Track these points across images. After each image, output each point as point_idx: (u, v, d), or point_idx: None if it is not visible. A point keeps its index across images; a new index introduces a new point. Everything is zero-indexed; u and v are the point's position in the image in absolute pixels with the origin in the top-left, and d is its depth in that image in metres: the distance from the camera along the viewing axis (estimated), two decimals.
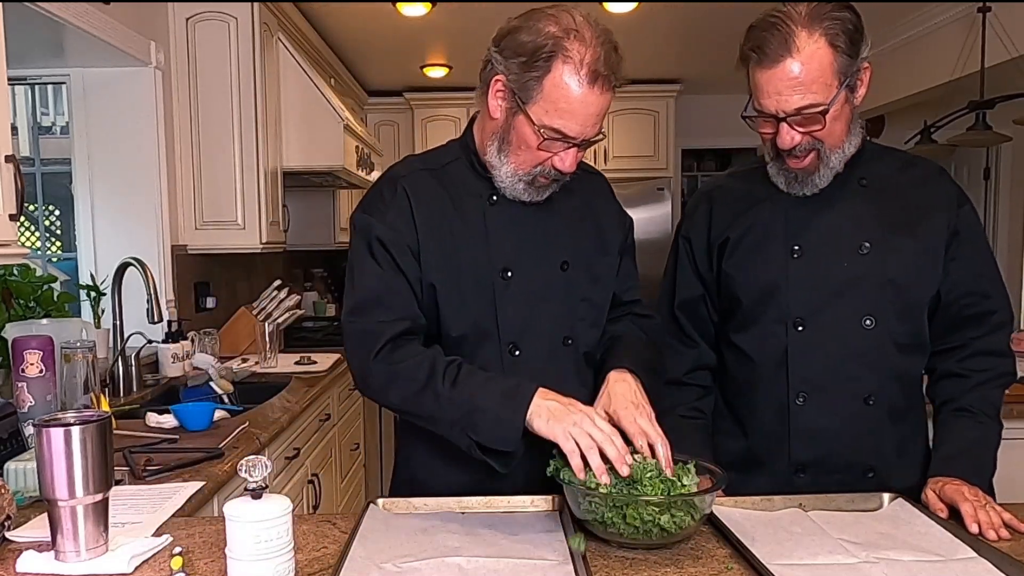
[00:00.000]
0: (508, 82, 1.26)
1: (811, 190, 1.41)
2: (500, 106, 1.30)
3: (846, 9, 1.31)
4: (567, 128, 1.25)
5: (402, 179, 1.37)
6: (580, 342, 1.41)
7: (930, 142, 4.36)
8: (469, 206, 1.37)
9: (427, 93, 5.58)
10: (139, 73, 2.92)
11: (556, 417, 1.18)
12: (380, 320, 1.31)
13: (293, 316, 3.64)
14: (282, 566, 1.03)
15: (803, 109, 1.30)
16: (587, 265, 1.41)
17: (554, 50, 1.22)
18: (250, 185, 3.19)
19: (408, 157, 1.47)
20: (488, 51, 1.30)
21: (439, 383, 1.24)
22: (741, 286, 1.48)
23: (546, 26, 1.23)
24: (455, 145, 1.44)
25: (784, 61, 1.28)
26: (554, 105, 1.24)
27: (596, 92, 1.23)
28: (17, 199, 1.67)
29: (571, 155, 1.29)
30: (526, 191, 1.34)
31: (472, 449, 1.24)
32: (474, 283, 1.35)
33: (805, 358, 1.43)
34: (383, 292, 1.32)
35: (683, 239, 1.58)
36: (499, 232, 1.36)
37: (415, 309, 1.34)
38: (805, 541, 1.18)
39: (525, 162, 1.31)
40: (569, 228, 1.41)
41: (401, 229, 1.33)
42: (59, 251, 4.44)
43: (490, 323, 1.35)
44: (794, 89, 1.29)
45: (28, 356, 1.82)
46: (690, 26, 4.32)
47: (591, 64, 1.21)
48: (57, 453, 1.09)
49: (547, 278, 1.38)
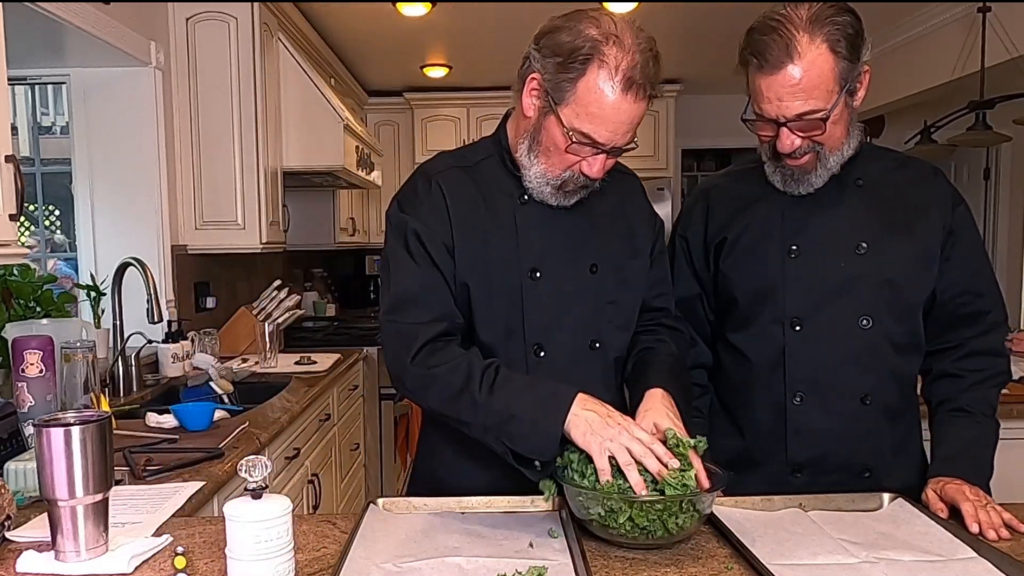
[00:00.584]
0: (543, 81, 1.25)
1: (806, 189, 1.41)
2: (534, 104, 1.29)
3: (847, 12, 1.30)
4: (596, 133, 1.24)
5: (437, 175, 1.36)
6: (608, 346, 1.40)
7: (930, 142, 4.36)
8: (500, 204, 1.36)
9: (427, 93, 5.58)
10: (139, 73, 2.92)
11: (594, 429, 1.17)
12: (417, 321, 1.30)
13: (293, 316, 3.64)
14: (282, 566, 1.03)
15: (804, 115, 1.30)
16: (616, 268, 1.40)
17: (591, 53, 1.20)
18: (250, 185, 3.19)
19: (441, 154, 1.45)
20: (528, 48, 1.29)
21: (476, 389, 1.23)
22: (738, 286, 1.48)
23: (586, 28, 1.22)
24: (487, 142, 1.43)
25: (785, 67, 1.27)
26: (585, 109, 1.22)
27: (629, 100, 1.22)
28: (17, 199, 1.67)
29: (599, 162, 1.27)
30: (553, 195, 1.33)
31: (507, 456, 1.23)
32: (503, 282, 1.34)
33: (802, 358, 1.43)
34: (420, 290, 1.32)
35: (680, 238, 1.59)
36: (529, 232, 1.35)
37: (452, 307, 1.33)
38: (805, 541, 1.18)
39: (554, 165, 1.30)
40: (600, 230, 1.40)
41: (436, 225, 1.33)
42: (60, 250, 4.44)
43: (516, 323, 1.35)
44: (795, 95, 1.28)
45: (28, 356, 1.82)
46: (690, 26, 4.32)
47: (627, 71, 1.20)
48: (57, 453, 1.09)
49: (575, 280, 1.37)
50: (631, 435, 1.17)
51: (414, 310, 1.31)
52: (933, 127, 4.37)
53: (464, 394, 1.24)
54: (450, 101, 5.56)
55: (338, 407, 3.29)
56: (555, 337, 1.36)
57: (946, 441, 1.41)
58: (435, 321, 1.30)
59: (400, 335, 1.30)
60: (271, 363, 3.15)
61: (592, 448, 1.16)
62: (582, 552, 1.10)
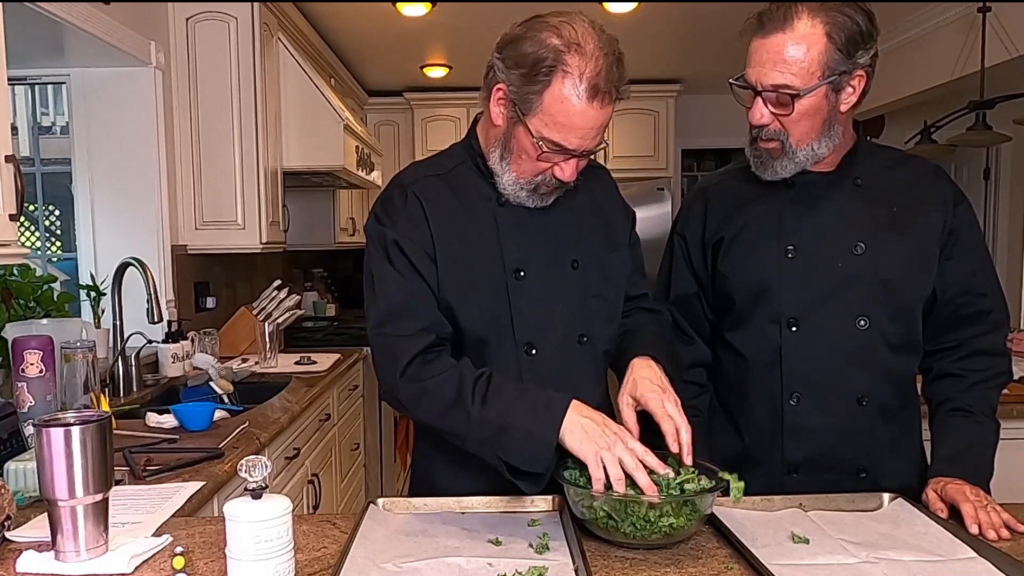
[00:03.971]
0: (509, 92, 1.26)
1: (772, 176, 1.41)
2: (502, 113, 1.30)
3: (861, 12, 1.30)
4: (566, 141, 1.25)
5: (412, 185, 1.37)
6: (596, 339, 1.40)
7: (930, 142, 4.36)
8: (479, 208, 1.36)
9: (427, 93, 5.58)
10: (139, 73, 2.92)
11: (589, 436, 1.17)
12: (405, 334, 1.30)
13: (293, 316, 3.64)
14: (282, 566, 1.03)
15: (778, 87, 1.30)
16: (598, 262, 1.41)
17: (554, 64, 1.21)
18: (250, 185, 3.19)
19: (413, 164, 1.46)
20: (491, 56, 1.30)
21: (468, 402, 1.23)
22: (735, 285, 1.48)
23: (548, 37, 1.22)
24: (459, 148, 1.43)
25: (776, 35, 1.29)
26: (553, 119, 1.23)
27: (596, 107, 1.22)
28: (17, 199, 1.67)
29: (571, 166, 1.29)
30: (529, 198, 1.34)
31: (501, 468, 1.23)
32: (489, 285, 1.34)
33: (798, 358, 1.43)
34: (405, 300, 1.31)
35: (678, 236, 1.59)
36: (510, 233, 1.36)
37: (438, 316, 1.33)
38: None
39: (526, 171, 1.31)
40: (578, 226, 1.41)
41: (416, 235, 1.33)
42: (59, 251, 4.44)
43: (505, 324, 1.35)
44: (776, 64, 1.29)
45: (28, 356, 1.82)
46: (690, 26, 4.32)
47: (591, 79, 1.21)
48: (57, 453, 1.09)
49: (558, 277, 1.37)
50: (625, 445, 1.17)
51: (401, 322, 1.31)
52: (933, 127, 4.37)
53: (456, 407, 1.24)
54: (450, 101, 5.56)
55: (338, 407, 3.29)
56: (545, 335, 1.36)
57: (947, 441, 1.41)
58: (423, 332, 1.30)
59: (388, 349, 1.30)
60: (271, 363, 3.15)
61: (587, 456, 1.17)
62: (582, 552, 1.10)
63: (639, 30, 4.29)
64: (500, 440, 1.21)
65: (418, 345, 1.29)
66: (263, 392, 2.66)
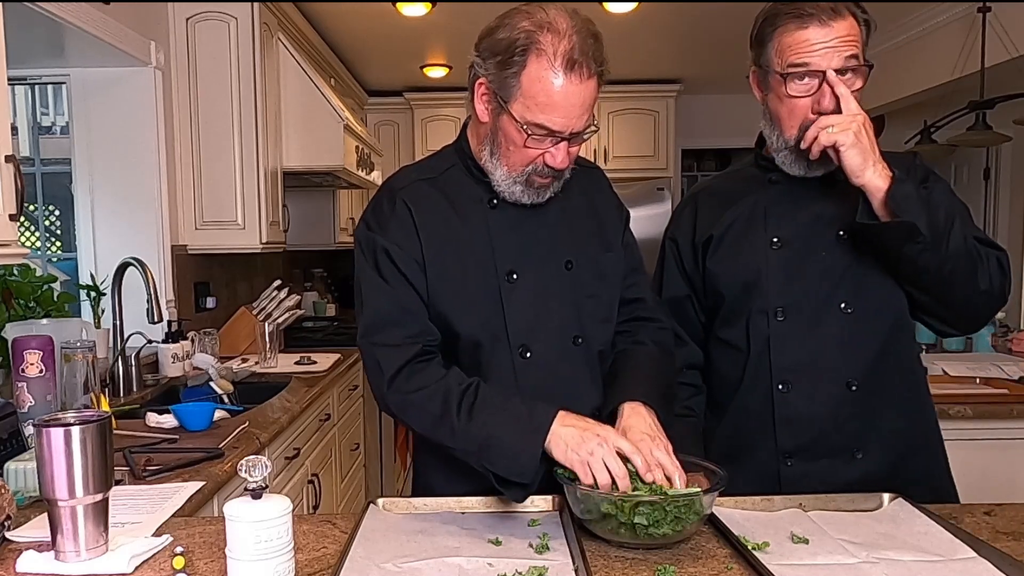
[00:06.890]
0: (489, 83, 1.26)
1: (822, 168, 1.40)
2: (486, 109, 1.30)
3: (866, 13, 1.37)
4: (551, 122, 1.24)
5: (401, 191, 1.36)
6: (591, 340, 1.40)
7: (930, 142, 4.36)
8: (471, 211, 1.36)
9: (427, 93, 5.58)
10: (139, 73, 2.92)
11: (573, 446, 1.18)
12: (392, 343, 1.29)
13: (293, 316, 3.64)
14: (282, 566, 1.03)
15: (849, 60, 1.33)
16: (591, 262, 1.41)
17: (527, 44, 1.21)
18: (250, 185, 3.19)
19: (404, 168, 1.45)
20: (470, 56, 1.30)
21: (453, 415, 1.23)
22: (724, 281, 1.51)
23: (519, 21, 1.23)
24: (450, 151, 1.43)
25: (837, 21, 1.32)
26: (534, 100, 1.23)
27: (575, 81, 1.21)
28: (17, 199, 1.67)
29: (561, 150, 1.27)
30: (524, 193, 1.33)
31: (489, 477, 1.23)
32: (482, 288, 1.34)
33: (786, 347, 1.45)
34: (393, 309, 1.31)
35: (670, 240, 1.62)
36: (502, 235, 1.35)
37: (427, 323, 1.32)
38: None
39: (516, 163, 1.30)
40: (571, 227, 1.40)
41: (405, 242, 1.32)
42: (59, 251, 4.45)
43: (499, 327, 1.34)
44: (846, 43, 1.32)
45: (28, 356, 1.82)
46: (690, 26, 4.31)
47: (565, 53, 1.20)
48: (57, 453, 1.09)
49: (552, 278, 1.37)
50: (609, 448, 1.17)
51: (388, 331, 1.30)
52: (933, 127, 4.37)
53: (443, 421, 1.24)
54: (450, 101, 5.56)
55: (338, 407, 3.29)
56: (539, 336, 1.35)
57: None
58: (410, 341, 1.30)
59: (377, 360, 1.30)
60: (271, 363, 3.15)
61: (575, 466, 1.17)
62: (582, 552, 1.10)
63: (639, 30, 4.28)
64: (486, 453, 1.22)
65: (405, 356, 1.29)
66: (263, 392, 2.66)
